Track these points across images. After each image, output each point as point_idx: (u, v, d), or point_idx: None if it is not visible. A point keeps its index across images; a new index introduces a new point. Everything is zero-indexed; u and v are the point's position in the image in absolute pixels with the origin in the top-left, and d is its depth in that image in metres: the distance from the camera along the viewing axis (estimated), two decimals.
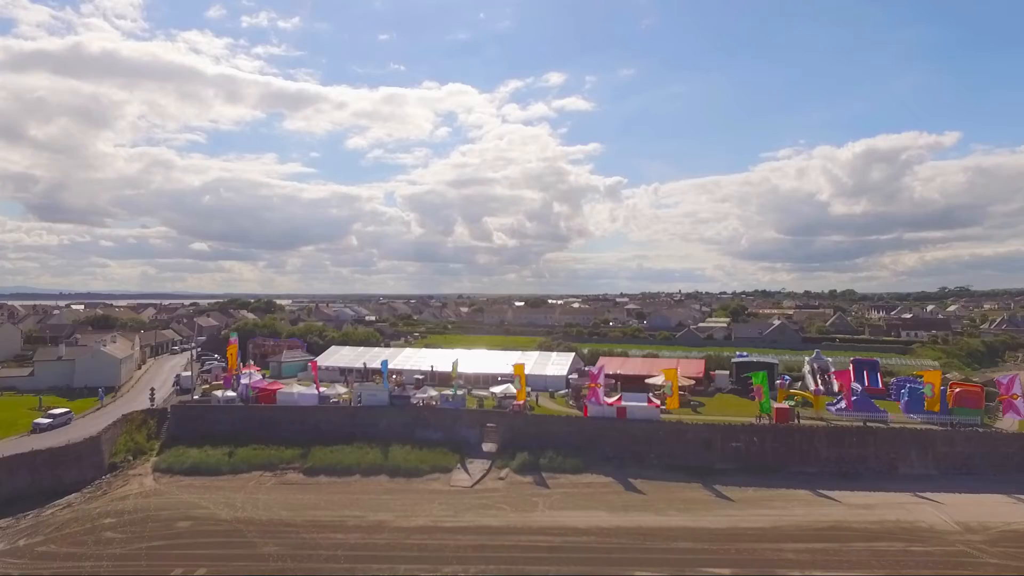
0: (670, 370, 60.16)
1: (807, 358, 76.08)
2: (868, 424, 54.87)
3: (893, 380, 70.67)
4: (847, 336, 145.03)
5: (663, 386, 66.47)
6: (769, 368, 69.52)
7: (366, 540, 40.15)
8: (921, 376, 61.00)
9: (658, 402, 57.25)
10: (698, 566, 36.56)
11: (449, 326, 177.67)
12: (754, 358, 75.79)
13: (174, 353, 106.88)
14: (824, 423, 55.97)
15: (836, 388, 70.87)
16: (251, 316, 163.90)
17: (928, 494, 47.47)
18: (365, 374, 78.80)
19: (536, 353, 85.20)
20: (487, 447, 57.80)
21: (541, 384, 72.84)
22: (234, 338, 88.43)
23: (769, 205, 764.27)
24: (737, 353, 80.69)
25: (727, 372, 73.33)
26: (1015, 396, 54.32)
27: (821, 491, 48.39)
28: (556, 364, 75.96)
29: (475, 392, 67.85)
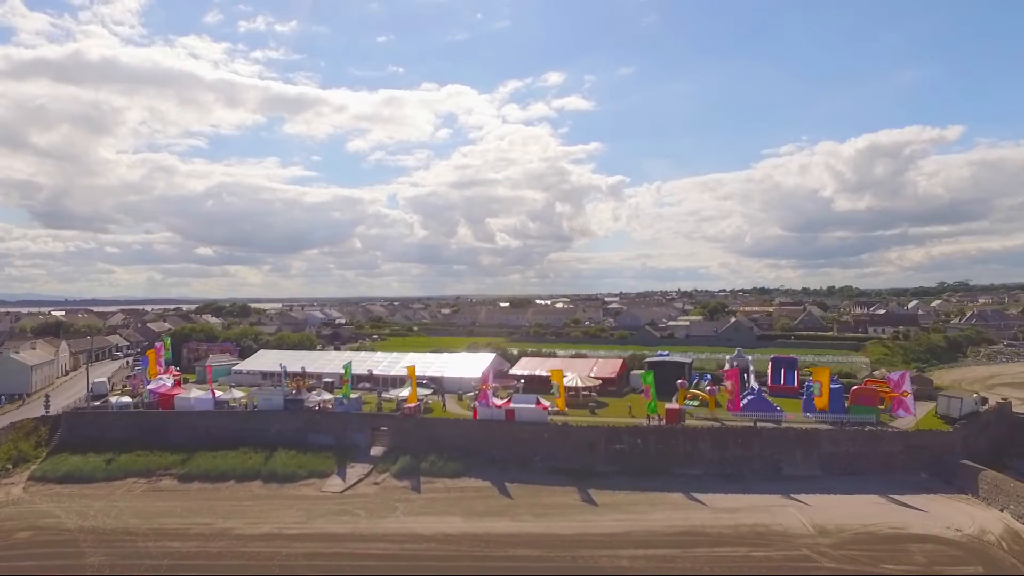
0: (556, 371, 59.10)
1: (728, 356, 74.83)
2: (758, 424, 53.64)
3: (808, 379, 69.33)
4: (807, 333, 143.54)
5: (571, 387, 65.67)
6: (679, 368, 68.49)
7: (200, 549, 39.37)
8: (811, 374, 59.65)
9: (547, 404, 56.14)
10: (522, 573, 35.70)
11: (415, 328, 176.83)
12: (674, 357, 74.55)
13: (115, 359, 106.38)
14: (718, 424, 54.79)
15: (752, 386, 69.99)
16: (215, 320, 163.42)
17: (803, 496, 46.32)
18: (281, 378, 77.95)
19: (459, 354, 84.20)
20: (376, 451, 56.89)
21: (456, 386, 71.86)
22: (159, 344, 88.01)
23: (772, 202, 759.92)
24: (657, 353, 79.50)
25: (640, 372, 72.04)
26: (905, 394, 53.14)
27: (695, 494, 47.27)
28: (473, 365, 74.90)
29: (384, 395, 66.95)
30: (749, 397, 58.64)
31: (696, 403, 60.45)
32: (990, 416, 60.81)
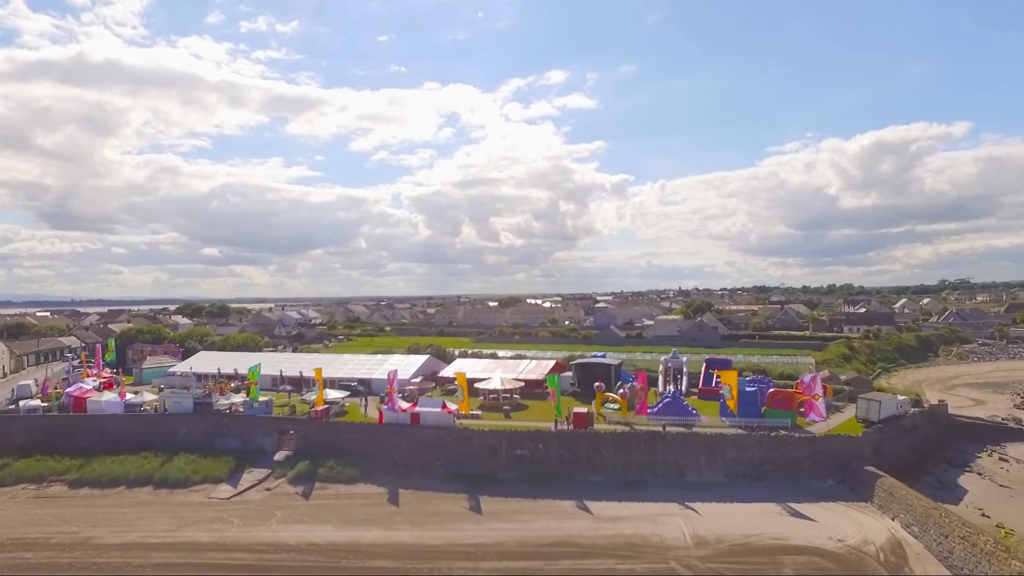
0: (460, 374, 57.51)
1: (663, 357, 73.12)
2: (666, 429, 52.01)
3: (747, 380, 67.57)
4: (779, 332, 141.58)
5: (493, 390, 64.23)
6: (606, 369, 66.87)
7: (52, 559, 38.17)
8: (719, 377, 57.91)
9: (453, 407, 54.65)
10: None
11: (388, 328, 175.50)
12: (606, 359, 72.83)
13: (66, 360, 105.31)
14: (628, 428, 53.14)
15: (686, 388, 68.38)
16: (184, 321, 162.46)
17: (699, 504, 44.71)
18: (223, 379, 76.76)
19: (393, 356, 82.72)
20: (280, 455, 55.51)
21: (383, 388, 70.26)
22: (98, 345, 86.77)
23: (777, 200, 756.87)
24: (591, 354, 77.85)
25: (570, 374, 70.48)
26: (816, 397, 51.45)
27: (588, 502, 45.72)
28: (405, 367, 73.42)
29: (304, 397, 65.55)
30: (665, 400, 56.98)
31: (616, 407, 58.83)
32: (917, 419, 59.08)
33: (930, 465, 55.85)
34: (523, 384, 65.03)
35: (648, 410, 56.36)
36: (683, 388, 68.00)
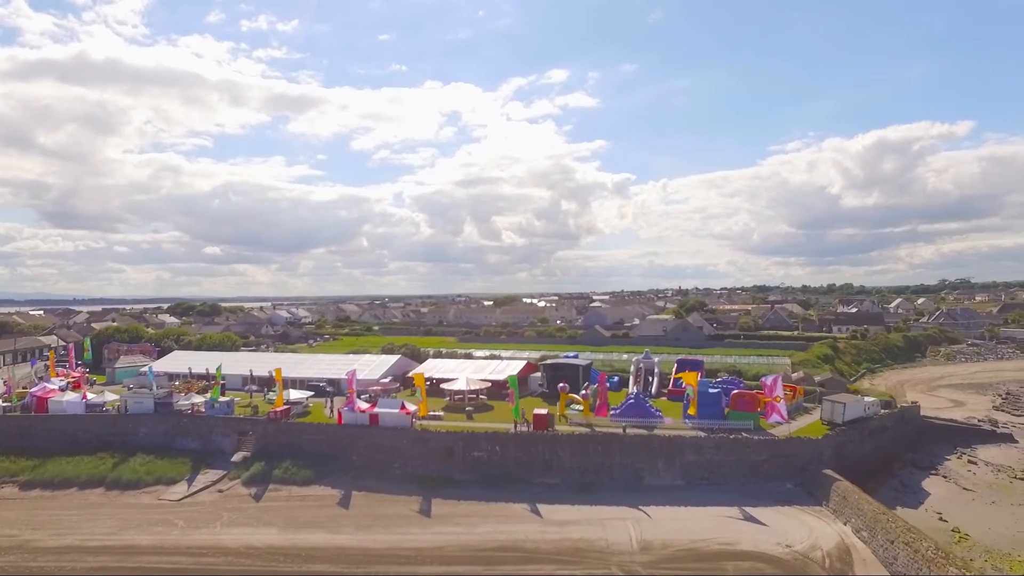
0: (418, 375, 56.86)
1: (634, 358, 72.37)
2: (627, 431, 51.28)
3: (716, 381, 66.87)
4: (767, 332, 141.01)
5: (459, 390, 63.59)
6: (573, 370, 66.14)
7: None
8: (680, 379, 57.13)
9: (412, 408, 53.97)
10: None
11: (376, 327, 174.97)
12: (577, 359, 72.10)
13: (43, 360, 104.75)
14: (588, 430, 52.40)
15: (656, 389, 67.63)
16: (171, 320, 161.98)
17: (653, 508, 43.98)
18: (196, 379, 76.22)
19: (367, 356, 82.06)
20: (238, 456, 54.91)
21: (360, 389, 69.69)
22: (70, 344, 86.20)
23: (779, 199, 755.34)
24: (564, 354, 77.11)
25: (539, 374, 69.78)
26: (777, 399, 50.66)
27: (542, 505, 45.01)
28: (375, 367, 72.80)
29: (270, 398, 64.93)
30: (628, 402, 56.24)
31: (580, 408, 58.09)
32: (886, 421, 58.30)
33: (896, 468, 55.15)
34: (490, 385, 64.31)
35: (611, 412, 55.61)
36: (653, 389, 67.28)
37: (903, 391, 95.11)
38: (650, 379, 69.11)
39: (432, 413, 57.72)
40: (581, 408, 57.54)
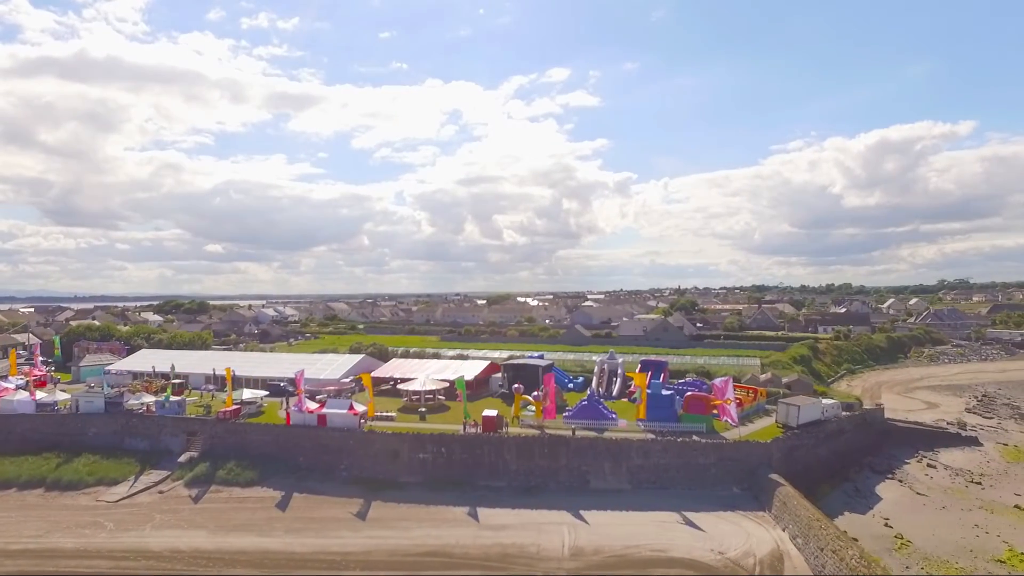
0: (365, 375, 56.07)
1: (597, 358, 71.51)
2: (576, 433, 50.42)
3: (679, 382, 66.14)
4: (752, 332, 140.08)
5: (416, 391, 62.79)
6: (533, 371, 65.28)
7: None
8: (631, 379, 56.24)
9: (360, 409, 53.18)
10: None
11: (361, 326, 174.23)
12: (539, 359, 71.24)
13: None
14: (539, 432, 51.56)
15: (618, 390, 66.80)
16: (154, 318, 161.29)
17: (595, 512, 43.20)
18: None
19: (330, 355, 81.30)
20: (185, 457, 54.13)
21: (313, 389, 68.93)
22: (36, 341, 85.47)
23: (781, 199, 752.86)
24: (528, 354, 76.24)
25: (499, 375, 68.90)
26: (728, 401, 49.82)
27: (485, 508, 44.27)
28: (336, 367, 72.00)
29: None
30: (581, 403, 55.39)
31: (534, 410, 57.27)
32: (845, 423, 57.44)
33: (852, 472, 54.24)
34: (448, 385, 63.42)
35: (565, 413, 54.84)
36: (615, 390, 66.49)
37: (879, 393, 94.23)
38: (613, 380, 68.29)
39: (385, 414, 57.10)
40: (535, 410, 56.75)
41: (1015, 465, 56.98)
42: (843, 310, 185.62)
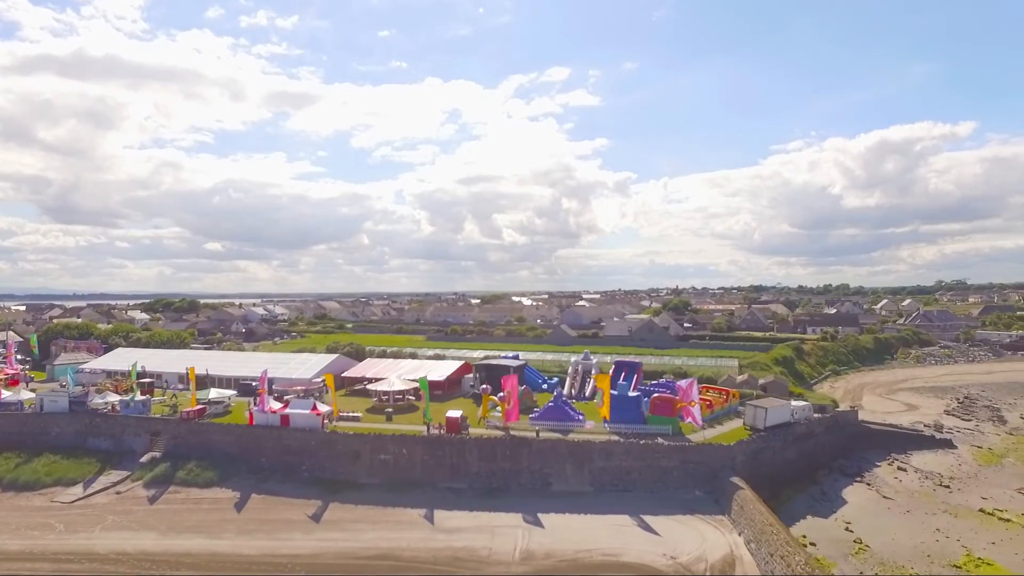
0: (329, 375, 55.53)
1: (572, 359, 71.01)
2: (540, 435, 49.83)
3: (651, 383, 65.57)
4: (741, 332, 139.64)
5: (387, 392, 62.25)
6: (504, 371, 64.65)
7: None
8: (595, 381, 55.71)
9: (324, 409, 52.63)
10: None
11: (349, 325, 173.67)
12: (514, 360, 70.67)
13: None
14: (502, 433, 50.98)
15: (591, 391, 66.27)
16: (140, 316, 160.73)
17: (552, 515, 42.67)
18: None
19: (304, 355, 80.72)
20: (147, 457, 53.56)
21: (283, 387, 68.35)
22: (13, 340, 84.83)
23: (781, 199, 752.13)
24: (502, 354, 75.73)
25: (471, 376, 68.37)
26: (692, 403, 49.31)
27: (443, 511, 43.72)
28: (307, 367, 71.38)
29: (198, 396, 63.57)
30: (548, 405, 54.86)
31: (499, 412, 56.66)
32: (815, 426, 56.92)
33: (821, 475, 53.71)
34: (415, 384, 62.83)
35: (532, 414, 54.29)
36: (588, 391, 65.98)
37: (861, 394, 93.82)
38: (587, 380, 67.78)
39: (351, 414, 56.50)
40: (502, 411, 56.16)
41: (986, 468, 56.51)
42: (835, 311, 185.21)
